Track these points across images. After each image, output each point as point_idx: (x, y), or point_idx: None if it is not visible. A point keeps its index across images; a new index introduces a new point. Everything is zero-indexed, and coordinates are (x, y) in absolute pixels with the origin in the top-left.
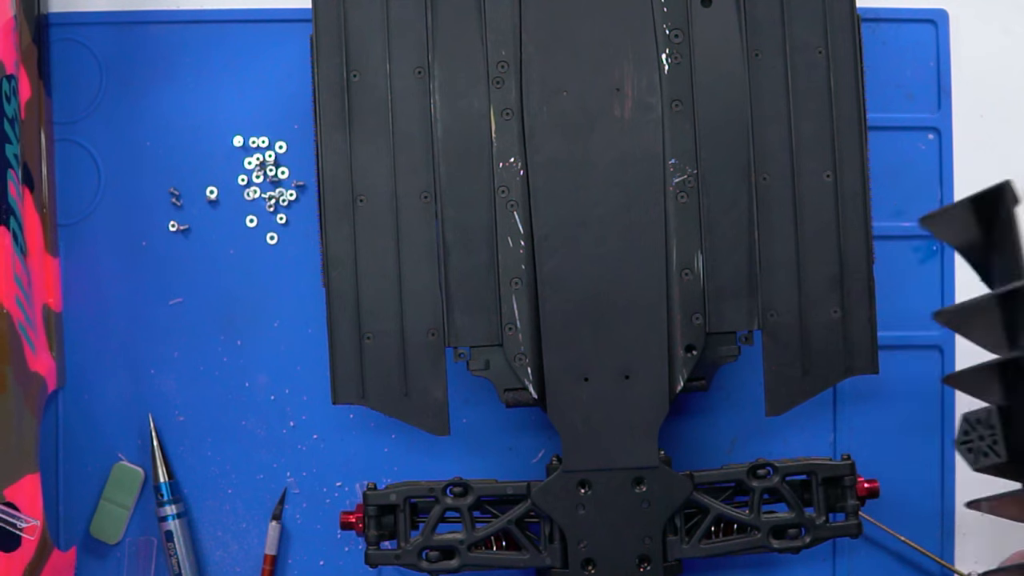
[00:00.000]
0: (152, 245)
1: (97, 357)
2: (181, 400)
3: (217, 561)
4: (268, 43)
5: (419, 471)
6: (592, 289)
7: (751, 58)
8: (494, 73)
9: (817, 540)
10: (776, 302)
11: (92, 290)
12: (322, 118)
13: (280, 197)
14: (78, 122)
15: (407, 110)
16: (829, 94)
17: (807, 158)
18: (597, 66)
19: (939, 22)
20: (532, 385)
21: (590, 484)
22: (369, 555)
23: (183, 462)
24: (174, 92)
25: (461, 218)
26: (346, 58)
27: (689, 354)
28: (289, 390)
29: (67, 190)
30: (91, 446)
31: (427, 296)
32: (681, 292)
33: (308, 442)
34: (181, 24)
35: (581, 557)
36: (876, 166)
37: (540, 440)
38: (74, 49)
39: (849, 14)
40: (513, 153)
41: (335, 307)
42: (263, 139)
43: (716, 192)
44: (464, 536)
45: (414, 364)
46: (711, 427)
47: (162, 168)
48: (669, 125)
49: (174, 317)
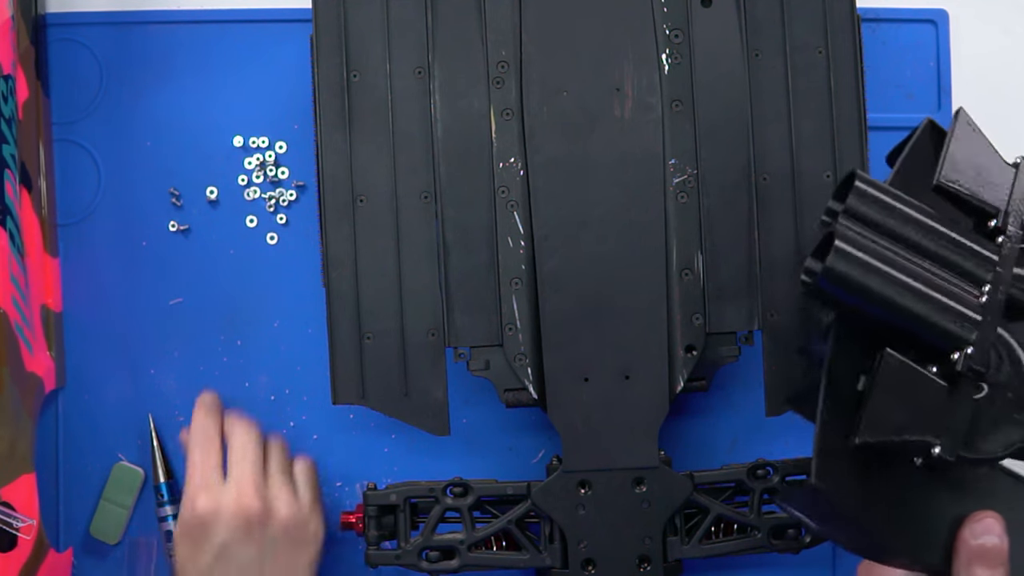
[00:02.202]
0: (152, 245)
1: (97, 357)
2: (181, 400)
3: None
4: (268, 43)
5: (419, 471)
6: (592, 289)
7: (751, 58)
8: (494, 73)
9: (817, 540)
10: (776, 302)
11: (92, 290)
12: (322, 118)
13: (280, 197)
14: (77, 122)
15: (407, 110)
16: (829, 94)
17: (807, 158)
18: (597, 66)
19: (939, 22)
20: (532, 385)
21: (590, 484)
22: (369, 555)
23: (183, 462)
24: (174, 92)
25: (461, 218)
26: (346, 58)
27: (689, 354)
28: (289, 390)
29: (67, 190)
30: (91, 446)
31: (427, 296)
32: (681, 292)
33: (308, 442)
34: (181, 24)
35: (581, 557)
36: (876, 166)
37: (540, 440)
38: (73, 49)
39: (849, 14)
40: (513, 153)
41: (335, 307)
42: (263, 139)
43: (716, 192)
44: (464, 536)
45: (414, 364)
46: (711, 427)
47: (162, 168)
48: (669, 125)
49: (174, 317)
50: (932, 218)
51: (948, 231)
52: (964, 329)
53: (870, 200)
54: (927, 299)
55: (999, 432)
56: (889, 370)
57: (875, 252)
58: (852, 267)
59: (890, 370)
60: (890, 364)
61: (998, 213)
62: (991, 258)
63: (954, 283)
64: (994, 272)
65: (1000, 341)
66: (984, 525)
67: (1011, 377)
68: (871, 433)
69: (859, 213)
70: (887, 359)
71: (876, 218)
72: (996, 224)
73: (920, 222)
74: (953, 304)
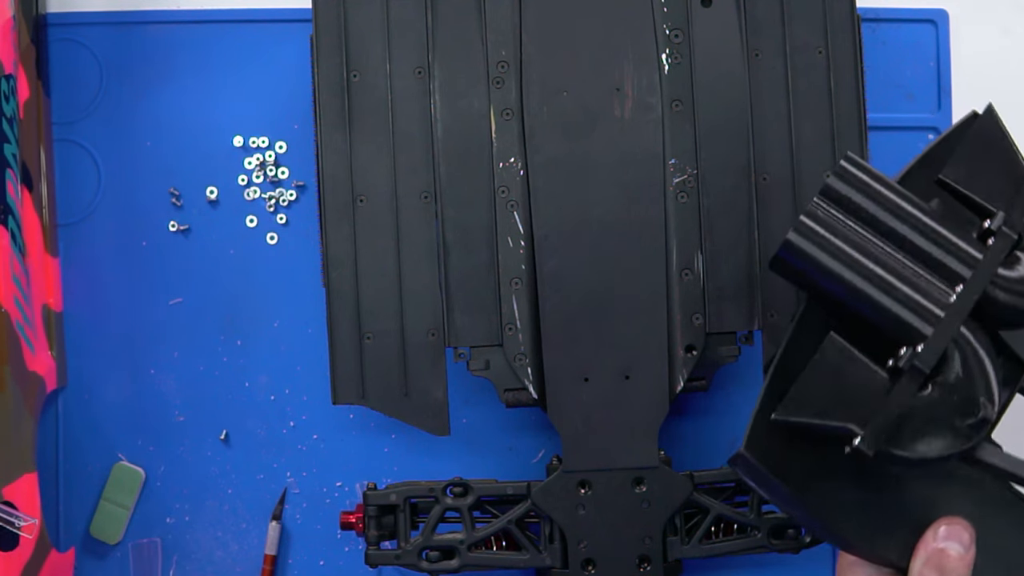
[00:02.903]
0: (152, 245)
1: (97, 357)
2: (181, 400)
3: (217, 561)
4: (268, 43)
5: (419, 471)
6: (592, 289)
7: (751, 58)
8: (494, 73)
9: (817, 540)
10: (776, 302)
11: (92, 290)
12: (322, 118)
13: (280, 197)
14: (78, 122)
15: (407, 110)
16: (829, 94)
17: (807, 158)
18: (597, 66)
19: (939, 22)
20: (532, 385)
21: (590, 484)
22: (369, 555)
23: (183, 462)
24: (174, 92)
25: (461, 218)
26: (346, 58)
27: (689, 354)
28: (289, 390)
29: (67, 190)
30: (91, 446)
31: (427, 296)
32: (681, 292)
33: (308, 442)
34: (181, 24)
35: (581, 557)
36: (876, 166)
37: (540, 440)
38: (73, 49)
39: (849, 14)
40: (513, 153)
41: (335, 307)
42: (263, 139)
43: (716, 192)
44: (464, 536)
45: (414, 364)
46: (711, 427)
47: (162, 168)
48: (669, 125)
49: (174, 317)
50: (921, 210)
51: (934, 224)
52: (921, 323)
53: (852, 182)
54: (888, 288)
55: (935, 435)
56: (828, 352)
57: (840, 233)
58: (811, 245)
59: (829, 352)
60: (830, 346)
61: (995, 214)
62: (975, 257)
63: (925, 277)
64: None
65: (964, 344)
66: (952, 531)
67: (960, 381)
68: (789, 411)
69: (839, 194)
70: (828, 340)
71: (856, 201)
72: (989, 225)
73: (903, 212)
74: (916, 297)
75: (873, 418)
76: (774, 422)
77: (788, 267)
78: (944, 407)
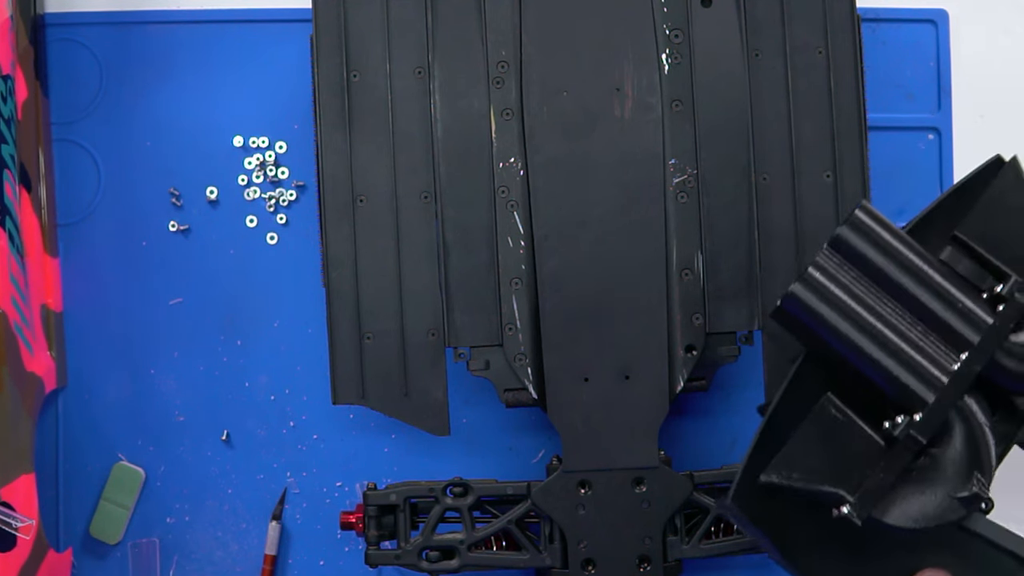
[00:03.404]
0: (152, 245)
1: (97, 357)
2: (181, 400)
3: (217, 561)
4: (268, 43)
5: (419, 471)
6: (592, 289)
7: (751, 58)
8: (494, 73)
9: None
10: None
11: (92, 290)
12: (322, 118)
13: (280, 197)
14: (77, 122)
15: (407, 110)
16: (829, 94)
17: (807, 158)
18: (597, 66)
19: (939, 22)
20: (532, 385)
21: (590, 484)
22: (369, 555)
23: (183, 462)
24: (174, 92)
25: (461, 218)
26: (346, 58)
27: (689, 354)
28: (289, 390)
29: (66, 190)
30: (91, 446)
31: (427, 296)
32: (681, 292)
33: (308, 442)
34: (181, 24)
35: (581, 557)
36: (876, 166)
37: (540, 440)
38: (73, 49)
39: (849, 14)
40: (513, 153)
41: (335, 307)
42: (263, 139)
43: (716, 192)
44: (464, 536)
45: (414, 364)
46: (711, 427)
47: (162, 168)
48: (669, 125)
49: (174, 317)
50: (932, 266)
51: (945, 283)
52: (923, 390)
53: (864, 234)
54: (892, 350)
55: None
56: (822, 413)
57: (847, 288)
58: (816, 299)
59: (823, 414)
60: (825, 408)
61: (1009, 278)
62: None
63: (931, 341)
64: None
65: (968, 414)
66: None
67: (959, 455)
68: (778, 473)
69: (849, 245)
70: (824, 402)
71: (866, 254)
72: (1001, 290)
73: (913, 267)
74: (920, 360)
75: (864, 485)
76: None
77: (790, 319)
78: (938, 477)
